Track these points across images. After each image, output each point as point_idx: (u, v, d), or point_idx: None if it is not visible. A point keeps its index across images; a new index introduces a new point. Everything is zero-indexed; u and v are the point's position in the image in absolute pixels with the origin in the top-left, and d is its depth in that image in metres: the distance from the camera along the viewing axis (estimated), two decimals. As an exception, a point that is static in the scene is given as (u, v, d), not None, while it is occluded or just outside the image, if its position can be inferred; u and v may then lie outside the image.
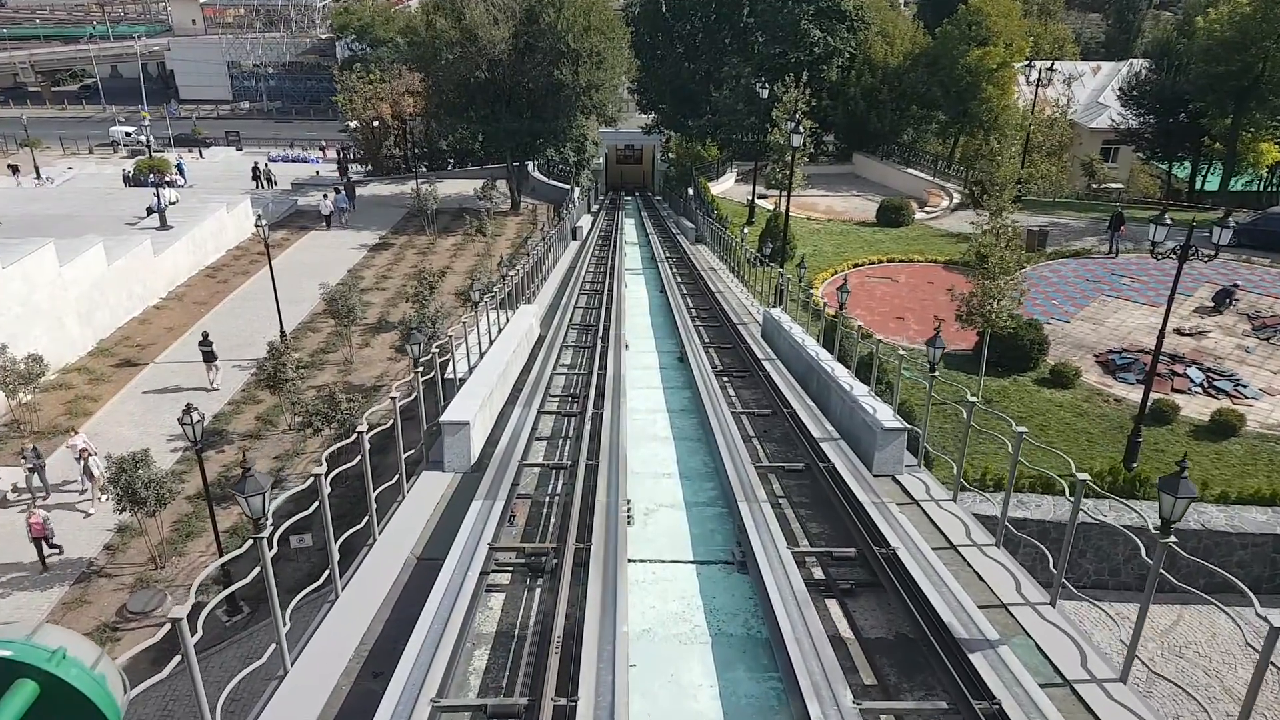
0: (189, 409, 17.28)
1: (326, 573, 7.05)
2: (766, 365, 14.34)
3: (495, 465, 9.56)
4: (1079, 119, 54.71)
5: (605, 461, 9.41)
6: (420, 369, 9.63)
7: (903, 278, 32.37)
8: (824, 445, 10.19)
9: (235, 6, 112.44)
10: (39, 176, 55.96)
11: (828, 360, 13.04)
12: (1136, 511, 9.18)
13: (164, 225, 37.12)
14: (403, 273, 37.43)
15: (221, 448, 25.09)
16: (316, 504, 6.77)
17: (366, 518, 7.98)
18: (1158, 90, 49.34)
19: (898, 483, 9.67)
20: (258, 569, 5.91)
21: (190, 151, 70.59)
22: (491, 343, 15.13)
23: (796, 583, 6.82)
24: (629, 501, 8.80)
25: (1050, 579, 7.22)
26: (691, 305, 22.44)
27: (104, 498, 21.25)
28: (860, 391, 11.15)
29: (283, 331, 29.77)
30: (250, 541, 6.19)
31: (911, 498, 9.26)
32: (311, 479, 6.61)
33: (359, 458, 7.58)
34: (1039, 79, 43.18)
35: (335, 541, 7.03)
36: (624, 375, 13.38)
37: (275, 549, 6.06)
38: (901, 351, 11.23)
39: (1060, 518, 19.02)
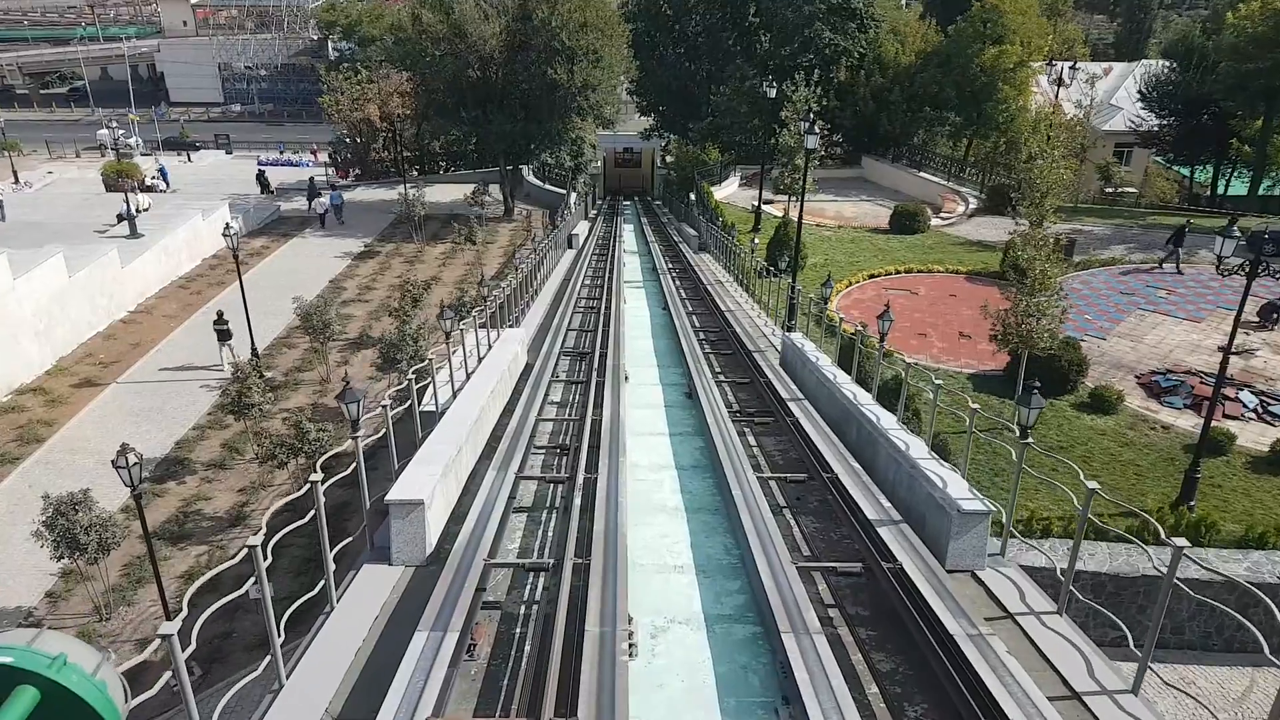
0: (124, 450, 15.07)
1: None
2: (793, 408, 12.03)
3: (457, 560, 7.30)
4: (1090, 120, 52.60)
5: (599, 559, 7.15)
6: (360, 434, 7.43)
7: (922, 290, 30.15)
8: (881, 530, 7.89)
9: (227, 8, 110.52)
10: (16, 181, 53.77)
11: (869, 405, 10.75)
12: (1201, 564, 7.53)
13: (134, 233, 34.96)
14: (388, 283, 35.22)
15: (183, 479, 22.96)
16: (169, 674, 4.59)
17: (269, 656, 5.76)
18: (1180, 90, 47.29)
19: (981, 584, 7.43)
20: None
21: (179, 155, 68.48)
22: (469, 376, 12.91)
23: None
24: (630, 620, 6.56)
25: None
26: (698, 324, 20.19)
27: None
28: (919, 452, 8.89)
29: (254, 349, 27.55)
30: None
31: (1004, 609, 7.01)
32: (158, 641, 4.44)
33: (250, 582, 5.37)
34: (1060, 78, 40.96)
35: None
36: (623, 420, 11.13)
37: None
38: (970, 406, 8.94)
39: (1118, 569, 16.76)
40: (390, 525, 7.55)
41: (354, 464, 7.53)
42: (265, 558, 5.54)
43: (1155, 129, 49.93)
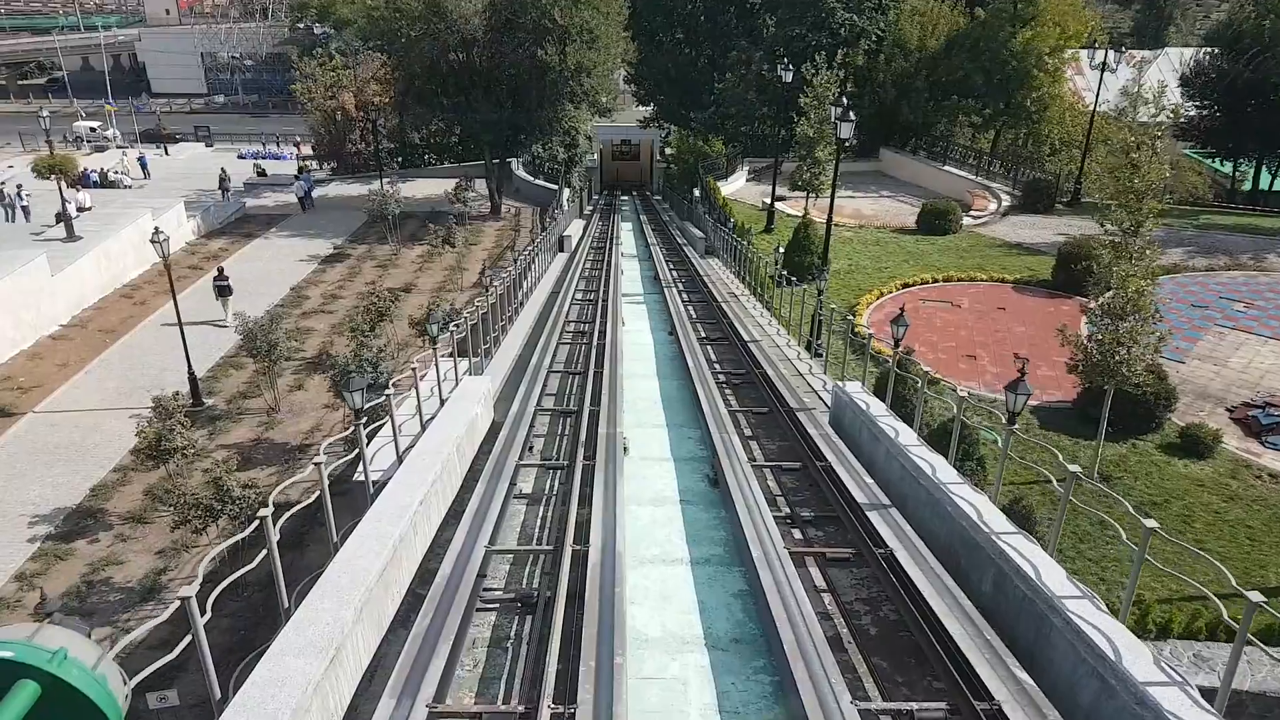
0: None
1: None
2: (875, 522, 7.89)
3: None
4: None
5: None
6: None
7: (966, 301, 26.30)
8: None
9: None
10: (-28, 176, 49.93)
11: (1010, 536, 6.66)
12: None
13: (71, 236, 31.11)
14: (356, 291, 31.36)
15: (95, 535, 19.21)
16: None
17: None
18: (1226, 78, 43.41)
19: None
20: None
21: (156, 147, 64.77)
22: (401, 459, 9.07)
23: None
24: None
25: None
26: (714, 357, 16.28)
27: None
28: (1142, 670, 4.96)
29: (191, 375, 23.68)
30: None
31: None
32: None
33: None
34: (1104, 64, 37.04)
35: None
36: (619, 552, 7.25)
37: None
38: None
39: (1263, 685, 12.93)
40: None
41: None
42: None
43: (1190, 119, 46.22)
